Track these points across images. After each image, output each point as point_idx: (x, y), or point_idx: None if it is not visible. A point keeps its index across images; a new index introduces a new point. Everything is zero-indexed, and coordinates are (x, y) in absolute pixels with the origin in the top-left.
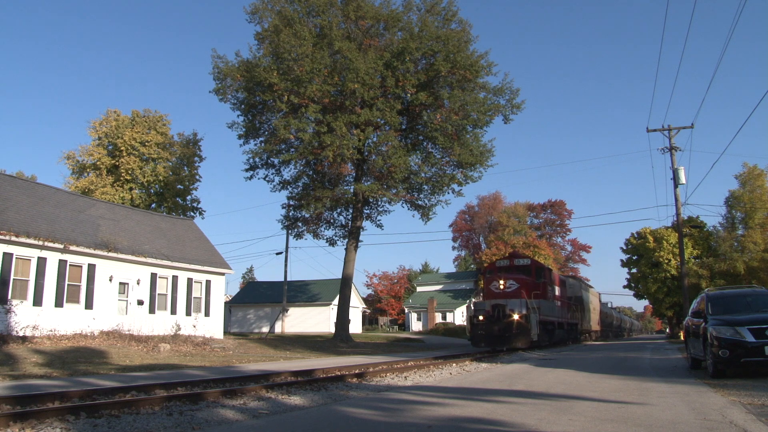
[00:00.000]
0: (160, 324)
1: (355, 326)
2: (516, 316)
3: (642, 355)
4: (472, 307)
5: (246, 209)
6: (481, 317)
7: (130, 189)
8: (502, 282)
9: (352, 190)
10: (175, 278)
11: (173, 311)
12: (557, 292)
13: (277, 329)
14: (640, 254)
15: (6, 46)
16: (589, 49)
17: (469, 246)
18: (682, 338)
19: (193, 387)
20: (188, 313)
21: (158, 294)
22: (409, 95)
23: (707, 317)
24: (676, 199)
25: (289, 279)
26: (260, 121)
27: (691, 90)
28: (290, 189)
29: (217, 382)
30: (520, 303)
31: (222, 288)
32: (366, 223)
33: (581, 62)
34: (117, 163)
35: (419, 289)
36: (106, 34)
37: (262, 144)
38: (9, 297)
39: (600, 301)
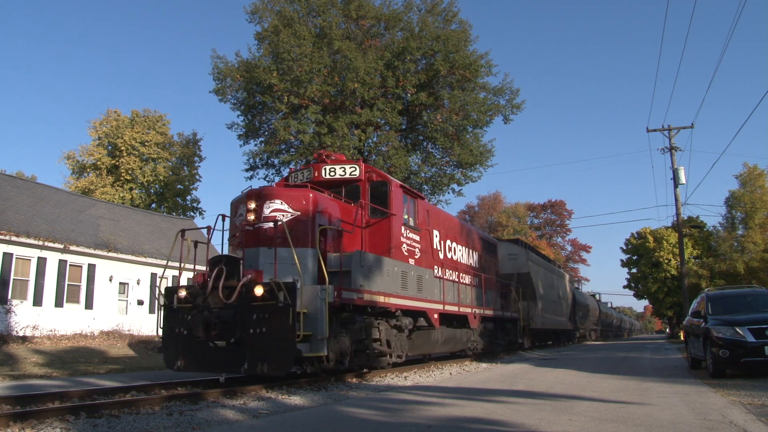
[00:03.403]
0: None
1: None
2: (259, 290)
3: (642, 355)
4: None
5: None
6: (182, 294)
7: (130, 189)
8: (254, 207)
9: None
10: (175, 278)
11: None
12: (459, 255)
13: None
14: (640, 254)
15: (6, 46)
16: (589, 49)
17: None
18: (682, 338)
19: (193, 387)
20: None
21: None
22: (409, 95)
23: (707, 317)
24: (676, 199)
25: None
26: (260, 122)
27: (691, 90)
28: None
29: (217, 381)
30: (279, 257)
31: None
32: None
33: (581, 62)
34: (117, 163)
35: None
36: (106, 34)
37: (262, 144)
38: (9, 297)
39: (571, 284)
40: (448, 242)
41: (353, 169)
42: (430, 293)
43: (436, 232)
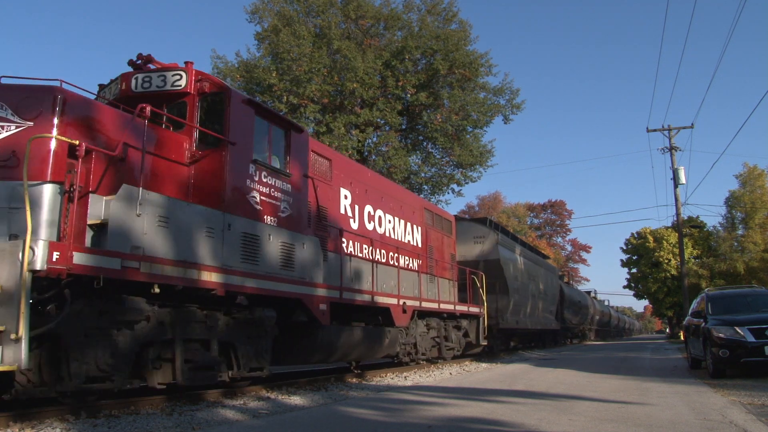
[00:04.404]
0: None
1: None
2: None
3: (642, 355)
4: None
5: None
6: None
7: None
8: None
9: None
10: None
11: None
12: (387, 228)
13: None
14: (640, 254)
15: (6, 46)
16: (589, 49)
17: None
18: (682, 338)
19: (193, 387)
20: None
21: None
22: (409, 95)
23: (707, 317)
24: (676, 199)
25: None
26: None
27: (691, 90)
28: None
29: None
30: None
31: None
32: None
33: (581, 62)
34: None
35: None
36: (106, 34)
37: None
38: None
39: (560, 278)
40: (369, 208)
41: (177, 77)
42: (311, 273)
43: (345, 192)
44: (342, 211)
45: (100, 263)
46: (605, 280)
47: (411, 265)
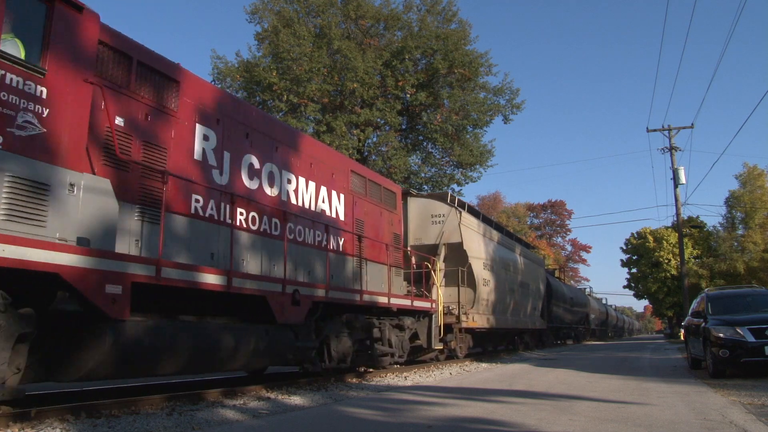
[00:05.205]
0: None
1: None
2: None
3: (642, 355)
4: None
5: None
6: None
7: None
8: None
9: None
10: None
11: None
12: (286, 189)
13: None
14: (640, 254)
15: None
16: (589, 49)
17: None
18: (682, 338)
19: (193, 387)
20: None
21: None
22: (408, 95)
23: (707, 317)
24: (676, 199)
25: None
26: None
27: (691, 90)
28: None
29: (217, 381)
30: None
31: None
32: None
33: (581, 62)
34: None
35: None
36: None
37: None
38: None
39: (546, 271)
40: (251, 160)
41: None
42: (92, 233)
43: (205, 132)
44: (197, 156)
45: None
46: (605, 280)
47: (321, 241)
